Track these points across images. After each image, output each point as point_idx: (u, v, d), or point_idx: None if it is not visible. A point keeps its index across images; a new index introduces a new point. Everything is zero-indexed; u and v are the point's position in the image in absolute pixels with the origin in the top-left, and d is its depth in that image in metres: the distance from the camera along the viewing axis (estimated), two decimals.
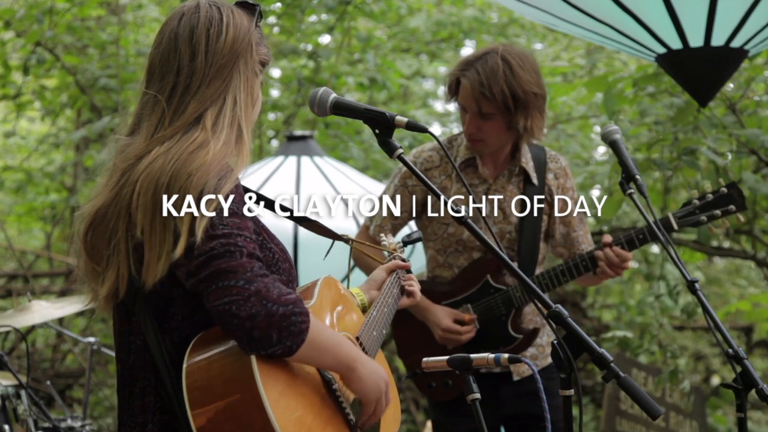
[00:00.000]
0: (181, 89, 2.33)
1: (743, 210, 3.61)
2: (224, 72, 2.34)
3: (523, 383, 3.83)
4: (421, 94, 10.40)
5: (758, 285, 9.63)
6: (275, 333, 2.11)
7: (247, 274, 2.12)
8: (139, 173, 2.25)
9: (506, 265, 2.39)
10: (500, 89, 3.60)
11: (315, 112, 2.59)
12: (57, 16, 8.05)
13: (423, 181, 2.49)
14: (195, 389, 2.14)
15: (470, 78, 3.64)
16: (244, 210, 2.22)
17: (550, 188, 3.84)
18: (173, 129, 2.30)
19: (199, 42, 2.35)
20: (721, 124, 5.53)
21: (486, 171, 3.78)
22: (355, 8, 8.15)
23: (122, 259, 2.27)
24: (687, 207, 3.62)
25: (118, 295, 2.30)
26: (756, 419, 9.44)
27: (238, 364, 2.13)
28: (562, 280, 3.69)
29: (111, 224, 2.29)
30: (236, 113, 2.33)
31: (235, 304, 2.09)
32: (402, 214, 3.83)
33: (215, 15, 2.38)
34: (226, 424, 2.12)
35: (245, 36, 2.39)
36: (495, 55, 3.66)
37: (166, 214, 2.18)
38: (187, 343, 2.22)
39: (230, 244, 2.14)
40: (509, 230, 3.78)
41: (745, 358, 2.69)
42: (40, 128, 11.14)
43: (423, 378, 3.83)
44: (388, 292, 2.86)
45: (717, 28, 4.09)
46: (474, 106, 3.66)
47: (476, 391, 2.54)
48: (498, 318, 3.76)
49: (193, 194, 2.17)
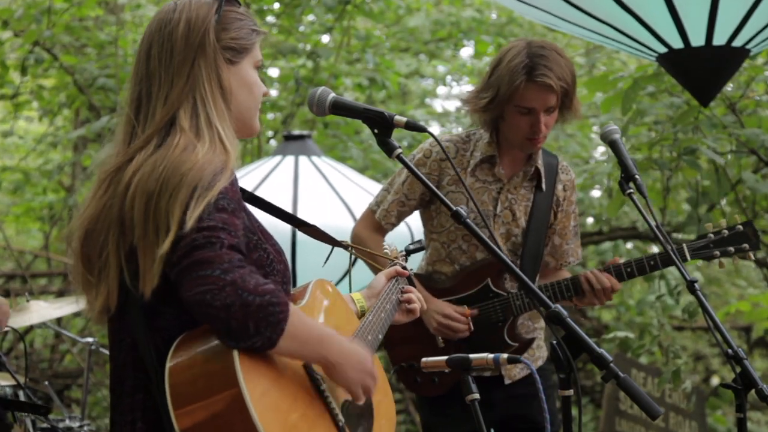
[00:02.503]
0: (145, 96, 2.32)
1: (757, 249, 3.70)
2: (184, 69, 2.31)
3: (514, 386, 3.82)
4: (420, 93, 10.39)
5: (758, 285, 9.62)
6: (252, 323, 2.08)
7: (225, 264, 2.09)
8: (127, 182, 2.24)
9: (506, 265, 2.38)
10: (570, 79, 3.63)
11: (314, 111, 2.57)
12: (55, 16, 8.04)
13: (423, 181, 2.48)
14: (178, 388, 2.13)
15: (544, 75, 3.58)
16: (235, 207, 2.21)
17: (558, 198, 3.84)
18: (146, 137, 2.29)
19: (153, 44, 2.34)
20: (721, 123, 5.52)
21: (501, 171, 3.77)
22: (355, 8, 8.14)
23: (112, 273, 2.26)
24: (702, 240, 3.68)
25: (110, 309, 2.29)
26: (756, 419, 9.44)
27: (221, 362, 2.11)
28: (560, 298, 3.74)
29: (101, 237, 2.28)
30: (208, 112, 2.30)
31: (210, 293, 2.07)
32: (410, 202, 3.82)
33: (170, 14, 2.35)
34: (209, 423, 2.10)
35: (200, 26, 2.33)
36: (543, 48, 3.64)
37: (160, 216, 2.17)
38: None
39: (212, 236, 2.12)
40: (516, 233, 3.77)
41: (744, 359, 2.69)
42: (38, 128, 11.13)
43: (409, 372, 3.81)
44: (386, 298, 2.83)
45: (718, 27, 4.09)
46: (547, 102, 3.62)
47: (475, 391, 2.52)
48: (494, 324, 3.74)
49: (186, 191, 2.16)
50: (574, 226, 3.91)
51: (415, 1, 9.74)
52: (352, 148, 8.08)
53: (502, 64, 3.66)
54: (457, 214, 2.44)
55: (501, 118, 3.71)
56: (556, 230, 3.87)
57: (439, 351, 3.67)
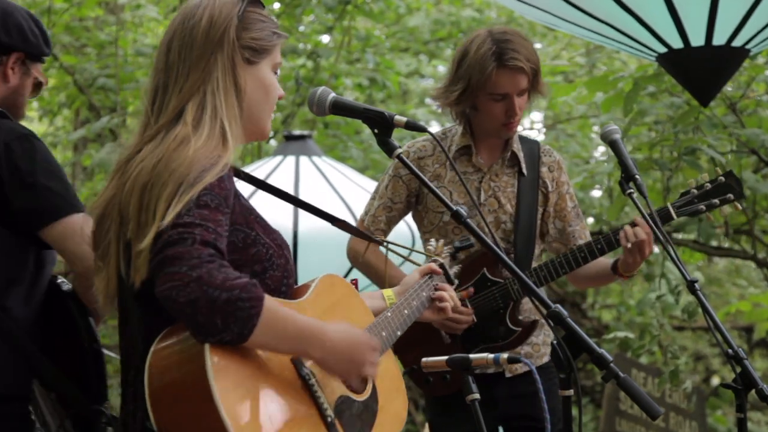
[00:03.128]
0: (162, 88, 2.33)
1: (741, 198, 3.62)
2: (201, 63, 2.32)
3: (517, 382, 3.80)
4: (420, 93, 10.39)
5: (758, 285, 9.63)
6: (219, 319, 2.07)
7: (193, 260, 2.08)
8: (129, 174, 2.26)
9: (506, 265, 2.37)
10: (536, 59, 3.68)
11: (314, 111, 2.57)
12: (55, 16, 8.04)
13: (422, 180, 2.48)
14: (153, 377, 2.14)
15: (514, 59, 3.63)
16: (220, 203, 2.20)
17: (544, 181, 3.83)
18: (158, 127, 2.31)
19: (175, 38, 2.35)
20: (722, 123, 5.52)
21: (480, 160, 3.78)
22: (355, 8, 8.14)
23: (111, 261, 2.28)
24: (685, 197, 3.61)
25: (111, 297, 2.32)
26: (756, 420, 9.44)
27: (193, 352, 2.11)
28: (560, 272, 3.69)
29: (106, 224, 2.30)
30: (216, 105, 2.31)
31: (175, 289, 2.06)
32: (396, 206, 3.82)
33: (194, 9, 2.36)
34: (179, 412, 2.11)
35: (222, 23, 2.35)
36: (506, 34, 3.70)
37: (149, 211, 2.18)
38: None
39: (185, 232, 2.12)
40: (504, 219, 3.78)
41: (744, 359, 2.68)
42: (38, 128, 11.11)
43: (420, 373, 3.81)
44: (414, 295, 2.79)
45: (718, 27, 4.08)
46: (520, 85, 3.66)
47: (475, 391, 2.52)
48: (496, 311, 3.74)
49: (173, 187, 2.16)
50: (573, 207, 3.88)
51: (415, 1, 9.74)
52: (353, 148, 8.08)
53: (469, 55, 3.68)
54: (458, 214, 2.44)
55: (474, 108, 3.73)
56: (552, 213, 3.85)
57: (447, 347, 3.67)
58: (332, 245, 4.51)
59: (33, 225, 2.83)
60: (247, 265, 2.28)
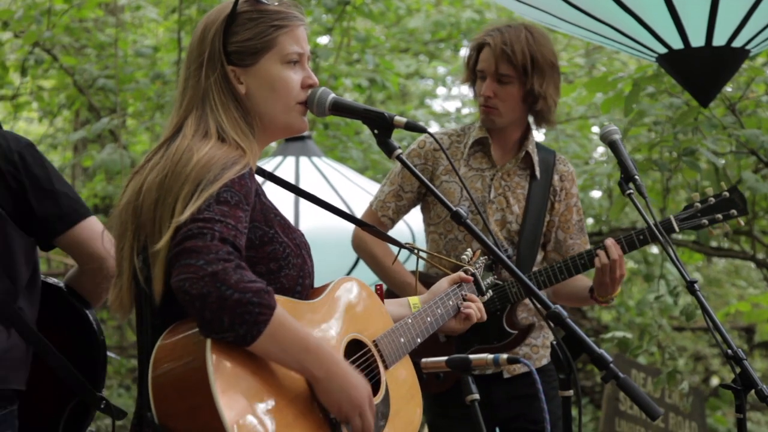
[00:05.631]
0: (176, 101, 2.39)
1: (745, 215, 3.64)
2: (199, 74, 2.35)
3: (515, 383, 3.79)
4: (420, 93, 10.40)
5: (758, 286, 9.63)
6: (227, 318, 2.08)
7: (210, 255, 2.09)
8: (140, 186, 2.29)
9: (505, 266, 2.37)
10: (521, 49, 3.69)
11: (314, 112, 2.57)
12: (55, 17, 8.03)
13: (421, 180, 2.48)
14: (157, 369, 2.16)
15: (494, 38, 3.71)
16: (240, 200, 2.21)
17: (554, 188, 3.84)
18: (162, 141, 2.36)
19: (186, 52, 2.42)
20: (721, 124, 5.52)
21: (495, 155, 3.80)
22: (354, 8, 8.14)
23: (125, 272, 2.32)
24: (689, 210, 3.63)
25: (124, 304, 2.34)
26: (756, 420, 9.44)
27: (196, 347, 2.13)
28: (560, 278, 3.68)
29: (120, 231, 2.34)
30: (218, 118, 2.33)
31: (189, 281, 2.08)
32: (407, 195, 3.82)
33: (202, 19, 2.41)
34: (181, 407, 2.13)
35: (207, 34, 2.36)
36: (519, 24, 3.78)
37: (164, 220, 2.20)
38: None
39: (205, 227, 2.13)
40: (510, 220, 3.78)
41: (744, 359, 2.68)
42: (38, 129, 11.13)
43: (417, 372, 3.81)
44: (440, 303, 2.75)
45: (718, 27, 4.08)
46: (493, 65, 3.70)
47: (475, 392, 2.51)
48: (493, 313, 3.74)
49: (191, 186, 2.18)
50: (578, 221, 3.88)
51: (414, 2, 9.75)
52: (352, 148, 8.08)
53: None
54: (457, 215, 2.44)
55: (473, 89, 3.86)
56: (557, 223, 3.86)
57: (442, 346, 3.67)
58: (333, 245, 4.52)
59: (56, 230, 2.88)
60: (262, 263, 2.29)
